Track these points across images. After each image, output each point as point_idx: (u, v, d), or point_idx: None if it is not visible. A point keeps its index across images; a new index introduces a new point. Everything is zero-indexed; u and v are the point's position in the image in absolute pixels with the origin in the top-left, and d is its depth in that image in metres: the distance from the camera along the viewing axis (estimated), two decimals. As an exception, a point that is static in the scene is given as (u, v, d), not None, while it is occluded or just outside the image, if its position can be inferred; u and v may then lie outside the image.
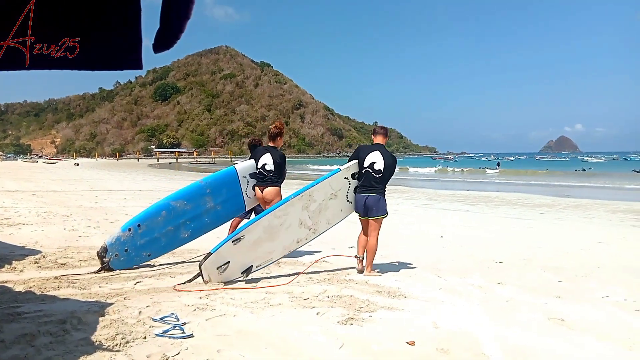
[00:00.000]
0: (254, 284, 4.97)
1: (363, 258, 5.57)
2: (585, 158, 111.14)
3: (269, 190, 5.66)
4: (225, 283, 4.94)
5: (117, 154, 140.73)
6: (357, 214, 5.58)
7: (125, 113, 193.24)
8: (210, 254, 4.88)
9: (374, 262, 5.62)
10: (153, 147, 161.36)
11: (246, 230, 5.03)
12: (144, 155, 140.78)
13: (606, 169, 56.11)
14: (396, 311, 4.17)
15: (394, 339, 3.48)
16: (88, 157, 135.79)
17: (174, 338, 3.33)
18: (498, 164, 56.61)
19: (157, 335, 3.36)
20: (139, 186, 22.62)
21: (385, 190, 5.46)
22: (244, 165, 5.89)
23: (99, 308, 3.91)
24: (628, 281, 5.69)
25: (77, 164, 67.71)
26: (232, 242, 4.94)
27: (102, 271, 5.23)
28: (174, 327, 3.51)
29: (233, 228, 6.21)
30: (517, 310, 4.33)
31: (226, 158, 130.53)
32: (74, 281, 4.84)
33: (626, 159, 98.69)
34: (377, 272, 5.56)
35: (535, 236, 9.71)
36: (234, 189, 5.81)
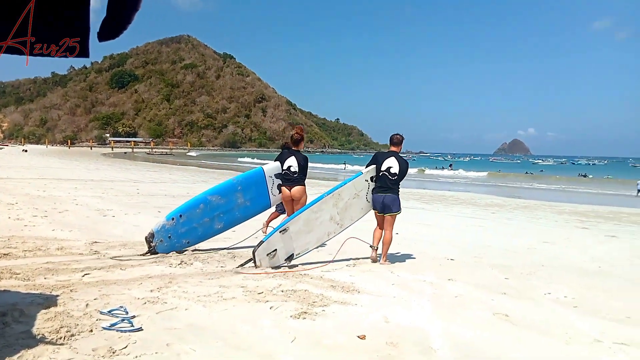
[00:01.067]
0: (292, 268, 5.59)
1: (377, 248, 6.22)
2: (536, 161, 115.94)
3: (297, 189, 6.26)
4: (273, 268, 5.47)
5: (69, 141, 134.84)
6: (375, 211, 6.23)
7: (79, 99, 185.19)
8: (262, 242, 5.49)
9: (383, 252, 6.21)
10: (108, 135, 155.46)
11: (290, 223, 5.65)
12: (98, 144, 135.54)
13: (555, 172, 58.73)
14: (349, 306, 4.23)
15: (345, 333, 3.53)
16: (37, 143, 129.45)
17: (122, 331, 3.24)
18: (450, 165, 58.08)
19: (104, 328, 3.27)
20: (91, 175, 21.83)
21: (399, 190, 6.14)
22: (271, 167, 6.47)
23: (43, 300, 3.76)
24: (569, 279, 6.00)
25: (25, 151, 64.61)
26: (280, 232, 5.57)
27: (149, 254, 5.77)
28: (123, 320, 3.43)
29: (270, 219, 7.17)
30: (465, 306, 4.48)
31: (184, 149, 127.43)
32: (17, 272, 4.63)
33: (573, 163, 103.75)
34: (389, 262, 6.19)
35: (486, 235, 10.05)
36: (261, 187, 6.44)
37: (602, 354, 3.49)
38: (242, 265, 5.46)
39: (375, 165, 6.17)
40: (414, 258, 6.82)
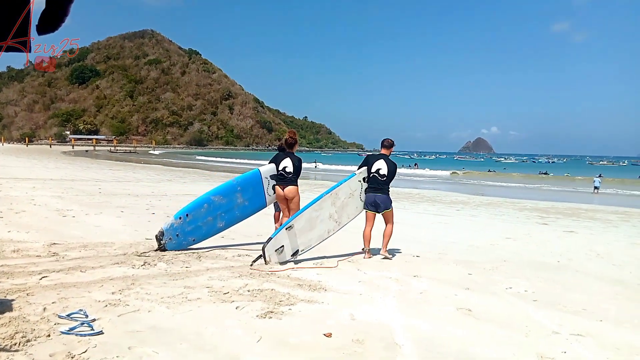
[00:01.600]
0: (301, 263, 5.89)
1: (369, 250, 6.60)
2: (499, 159, 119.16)
3: (290, 189, 6.53)
4: (281, 264, 5.76)
5: (27, 139, 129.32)
6: (367, 211, 6.60)
7: (37, 95, 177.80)
8: (270, 238, 5.77)
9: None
10: (68, 133, 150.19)
11: (295, 220, 5.94)
12: (58, 142, 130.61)
13: (517, 170, 60.49)
14: (315, 304, 4.24)
15: (311, 332, 3.53)
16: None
17: (81, 335, 3.15)
18: (415, 164, 58.94)
19: (62, 333, 3.16)
20: (51, 174, 21.06)
21: (389, 190, 6.58)
22: (267, 168, 6.74)
23: (-3, 305, 3.60)
24: (529, 274, 6.19)
25: (-21, 149, 61.76)
26: (286, 229, 5.86)
27: (159, 250, 6.07)
28: (82, 324, 3.32)
29: (276, 219, 7.43)
30: (429, 302, 4.56)
31: (149, 147, 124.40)
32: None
33: (534, 161, 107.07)
34: (387, 254, 6.61)
35: (450, 231, 10.26)
36: (258, 187, 6.72)
37: (560, 345, 3.61)
38: (254, 261, 5.71)
39: (366, 167, 6.55)
40: (380, 255, 6.88)
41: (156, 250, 6.09)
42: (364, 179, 6.58)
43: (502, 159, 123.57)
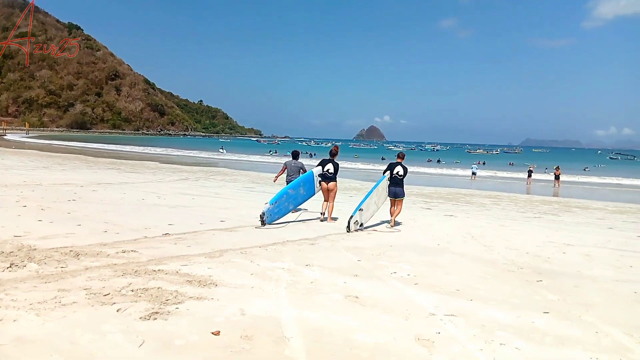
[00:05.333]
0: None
1: (393, 221, 9.72)
2: (390, 147, 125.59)
3: (332, 184, 9.79)
4: (355, 230, 8.74)
5: None
6: (390, 198, 9.80)
7: None
8: (352, 216, 8.77)
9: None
10: None
11: (363, 206, 9.03)
12: None
13: (406, 156, 64.20)
14: (205, 301, 4.13)
15: (199, 331, 3.44)
16: None
17: None
18: (311, 155, 59.89)
19: None
20: None
21: (404, 184, 9.86)
22: (317, 170, 9.91)
23: None
24: (413, 258, 6.62)
25: None
26: (360, 210, 8.95)
27: (262, 225, 8.58)
28: None
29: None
30: (319, 291, 4.68)
31: (22, 130, 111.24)
32: None
33: (421, 149, 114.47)
34: (396, 224, 9.78)
35: (342, 218, 10.59)
36: (311, 183, 9.96)
37: (435, 326, 3.92)
38: (348, 228, 8.63)
39: (390, 171, 9.81)
40: (274, 245, 6.92)
41: (261, 226, 8.53)
42: (388, 179, 9.77)
43: (393, 146, 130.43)
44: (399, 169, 9.83)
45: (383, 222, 9.93)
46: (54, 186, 12.94)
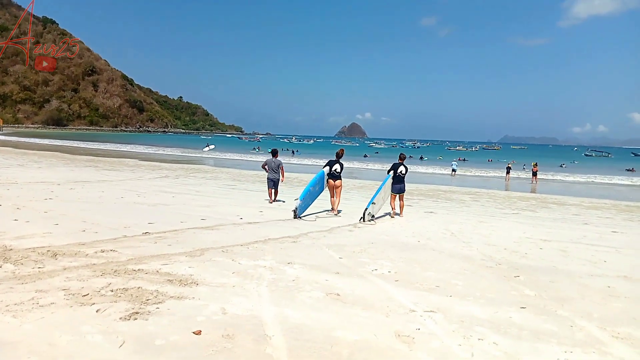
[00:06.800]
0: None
1: (396, 212, 11.30)
2: (372, 144, 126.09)
3: (338, 182, 11.02)
4: (368, 221, 9.96)
5: None
6: (392, 194, 11.23)
7: None
8: (366, 208, 10.06)
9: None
10: None
11: (375, 200, 10.42)
12: None
13: (388, 154, 64.59)
14: (186, 300, 4.12)
15: (180, 331, 3.43)
16: None
17: None
18: (293, 152, 59.79)
19: None
20: None
21: (405, 182, 11.36)
22: (326, 170, 11.05)
23: None
24: (393, 255, 6.68)
25: None
26: (373, 203, 10.27)
27: (294, 218, 9.92)
28: None
29: (270, 195, 12.71)
30: (300, 289, 4.70)
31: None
32: None
33: (402, 146, 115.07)
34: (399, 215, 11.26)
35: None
36: (322, 181, 11.18)
37: (415, 322, 3.97)
38: (362, 219, 9.98)
39: (394, 170, 11.12)
40: (256, 243, 6.91)
41: (294, 218, 9.85)
42: (392, 177, 11.14)
43: (374, 143, 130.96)
44: (402, 169, 11.20)
45: (386, 214, 11.31)
46: (30, 184, 12.68)
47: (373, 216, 10.26)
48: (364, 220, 9.84)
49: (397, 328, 3.80)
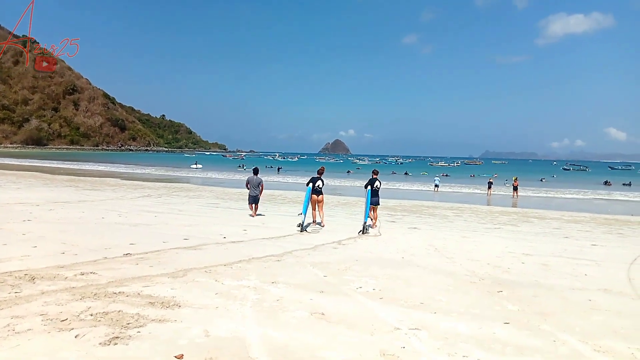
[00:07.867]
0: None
1: (373, 224, 12.08)
2: (355, 160, 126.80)
3: (322, 196, 11.99)
4: (362, 233, 10.74)
5: None
6: (371, 205, 11.88)
7: None
8: (365, 222, 11.10)
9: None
10: None
11: (366, 215, 11.36)
12: None
13: (369, 169, 65.02)
14: (168, 323, 4.04)
15: (161, 355, 3.36)
16: None
17: None
18: (279, 169, 59.77)
19: None
20: None
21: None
22: (310, 187, 11.75)
23: None
24: (377, 272, 6.68)
25: None
26: (369, 217, 11.62)
27: (301, 232, 10.72)
28: None
29: (251, 209, 13.77)
30: (285, 309, 4.66)
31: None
32: None
33: (385, 162, 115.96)
34: (378, 227, 12.06)
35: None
36: (308, 196, 11.71)
37: (400, 340, 3.96)
38: (363, 231, 10.85)
39: (370, 185, 11.98)
40: (241, 262, 6.85)
41: (301, 231, 10.68)
42: (370, 191, 11.94)
43: (358, 160, 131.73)
44: (377, 183, 12.37)
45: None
46: (8, 205, 12.41)
47: (369, 227, 11.45)
48: (365, 233, 10.86)
49: (382, 347, 3.78)
